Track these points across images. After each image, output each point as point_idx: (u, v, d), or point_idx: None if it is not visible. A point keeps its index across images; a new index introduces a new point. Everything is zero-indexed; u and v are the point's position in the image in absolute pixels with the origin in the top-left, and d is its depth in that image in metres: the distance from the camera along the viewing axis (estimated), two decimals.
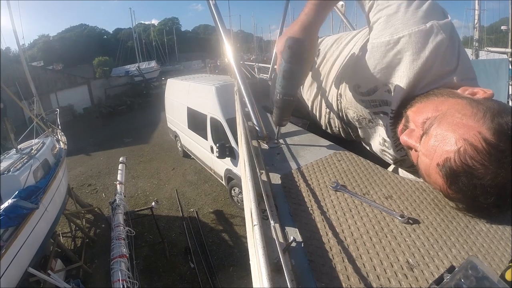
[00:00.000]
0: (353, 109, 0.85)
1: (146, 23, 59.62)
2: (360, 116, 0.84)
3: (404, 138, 0.62)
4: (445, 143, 0.52)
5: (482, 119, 0.50)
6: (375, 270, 0.44)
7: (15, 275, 3.50)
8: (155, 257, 5.18)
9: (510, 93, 6.03)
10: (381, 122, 0.80)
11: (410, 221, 0.53)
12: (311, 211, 0.55)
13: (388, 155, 0.85)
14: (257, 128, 0.84)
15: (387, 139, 0.79)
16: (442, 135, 0.53)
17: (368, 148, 0.94)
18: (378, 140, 0.84)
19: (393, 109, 0.71)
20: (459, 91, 0.62)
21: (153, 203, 5.50)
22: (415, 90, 0.67)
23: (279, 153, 0.79)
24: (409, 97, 0.68)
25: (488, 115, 0.50)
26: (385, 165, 0.84)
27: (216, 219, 6.03)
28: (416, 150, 0.60)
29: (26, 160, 4.88)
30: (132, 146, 11.04)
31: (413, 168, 0.78)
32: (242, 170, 0.70)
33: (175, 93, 8.39)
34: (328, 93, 0.96)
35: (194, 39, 54.64)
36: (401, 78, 0.68)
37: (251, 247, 0.49)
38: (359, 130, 0.91)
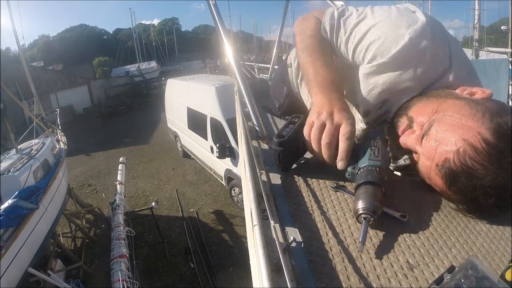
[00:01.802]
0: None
1: (147, 23, 59.69)
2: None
3: (403, 140, 0.62)
4: (444, 144, 0.52)
5: (481, 119, 0.50)
6: (375, 270, 0.44)
7: (15, 275, 3.50)
8: (155, 257, 5.18)
9: (510, 93, 6.03)
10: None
11: (410, 221, 0.53)
12: (311, 211, 0.55)
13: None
14: (257, 128, 0.84)
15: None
16: (442, 136, 0.53)
17: None
18: None
19: (390, 116, 0.73)
20: (457, 91, 0.62)
21: (153, 203, 5.50)
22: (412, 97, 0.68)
23: None
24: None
25: (487, 115, 0.50)
26: None
27: (216, 219, 6.03)
28: (415, 152, 0.60)
29: (26, 160, 4.88)
30: (132, 146, 11.04)
31: (411, 171, 0.78)
32: (242, 170, 0.70)
33: (175, 93, 8.39)
34: None
35: (194, 39, 54.60)
36: (395, 95, 0.69)
37: (251, 247, 0.49)
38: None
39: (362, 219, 0.48)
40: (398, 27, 0.64)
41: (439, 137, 0.53)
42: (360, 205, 0.49)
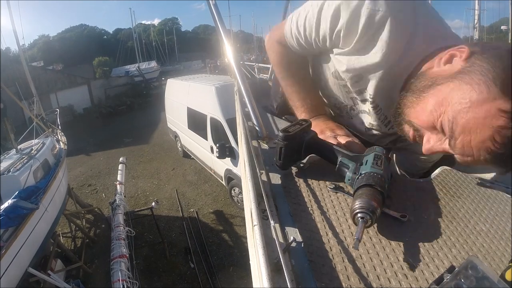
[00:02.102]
0: (334, 97, 0.88)
1: (147, 23, 59.65)
2: (342, 103, 0.87)
3: (427, 148, 0.59)
4: (475, 137, 0.49)
5: (488, 92, 0.48)
6: (375, 270, 0.44)
7: (15, 275, 3.50)
8: (155, 257, 5.18)
9: None
10: (363, 108, 0.82)
11: (410, 221, 0.53)
12: (311, 211, 0.56)
13: (381, 137, 0.86)
14: (257, 128, 0.85)
15: (374, 122, 0.81)
16: (467, 128, 0.50)
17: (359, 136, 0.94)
18: (365, 126, 0.86)
19: (371, 94, 0.73)
20: (435, 61, 0.59)
21: (153, 203, 5.50)
22: (389, 70, 0.67)
23: None
24: (390, 78, 0.68)
25: (489, 83, 0.48)
26: None
27: (216, 219, 6.03)
28: (447, 153, 0.57)
29: (26, 160, 4.88)
30: (132, 146, 11.04)
31: (407, 143, 0.76)
32: (242, 170, 0.70)
33: (175, 93, 8.39)
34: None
35: (194, 39, 54.55)
36: (368, 72, 0.70)
37: (251, 247, 0.49)
38: (342, 119, 0.92)
39: (359, 218, 0.47)
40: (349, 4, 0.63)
41: (466, 130, 0.50)
42: (357, 204, 0.49)
